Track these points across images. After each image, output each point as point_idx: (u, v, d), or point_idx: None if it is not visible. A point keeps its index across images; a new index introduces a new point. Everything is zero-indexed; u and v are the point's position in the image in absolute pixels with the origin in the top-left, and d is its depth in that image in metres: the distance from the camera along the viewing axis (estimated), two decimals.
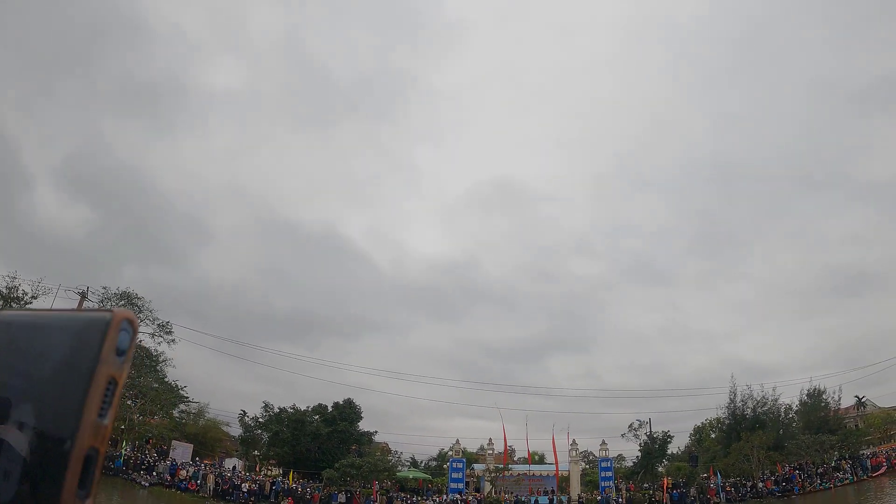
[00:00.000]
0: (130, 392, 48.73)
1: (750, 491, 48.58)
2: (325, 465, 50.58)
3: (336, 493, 45.53)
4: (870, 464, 50.14)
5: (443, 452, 69.47)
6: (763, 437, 51.10)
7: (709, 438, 66.93)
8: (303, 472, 51.71)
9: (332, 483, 47.00)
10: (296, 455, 54.55)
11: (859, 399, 66.90)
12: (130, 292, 52.80)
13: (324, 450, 55.07)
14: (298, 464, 52.98)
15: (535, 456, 64.55)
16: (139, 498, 37.59)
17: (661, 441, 58.44)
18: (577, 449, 57.08)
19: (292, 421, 56.31)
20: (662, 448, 59.06)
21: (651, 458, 57.30)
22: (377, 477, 49.18)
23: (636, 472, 58.57)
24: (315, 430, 55.86)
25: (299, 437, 55.11)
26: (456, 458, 55.69)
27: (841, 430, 56.71)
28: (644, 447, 58.47)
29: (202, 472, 44.72)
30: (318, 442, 55.61)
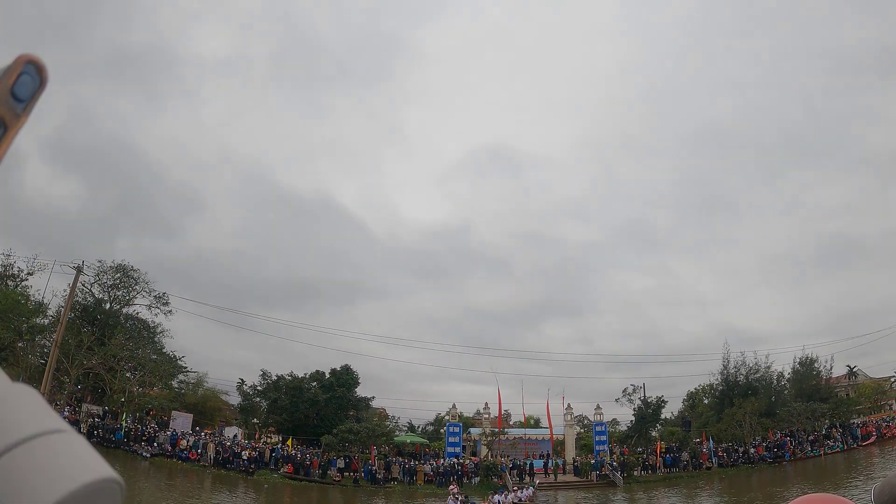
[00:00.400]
0: (129, 364, 49.13)
1: (742, 456, 49.59)
2: (323, 431, 51.10)
3: (335, 458, 46.06)
4: (860, 433, 51.19)
5: (439, 417, 70.34)
6: (755, 404, 52.00)
7: (702, 404, 67.90)
8: (302, 438, 52.23)
9: (331, 449, 47.53)
10: (294, 422, 55.14)
11: (851, 369, 67.91)
12: (126, 265, 52.80)
13: (322, 416, 55.66)
14: (297, 430, 53.56)
15: (530, 420, 65.44)
16: (141, 469, 38.09)
17: (654, 406, 59.45)
18: (572, 413, 57.96)
19: (290, 388, 56.83)
20: (656, 413, 60.08)
21: (645, 423, 58.39)
22: (375, 442, 49.71)
23: (630, 436, 59.69)
24: (313, 397, 56.40)
25: (297, 404, 55.66)
26: (452, 422, 56.34)
27: (832, 398, 57.74)
28: (638, 412, 59.54)
29: (202, 441, 45.29)
30: (317, 408, 56.19)
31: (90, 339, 47.39)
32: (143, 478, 35.41)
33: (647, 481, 46.37)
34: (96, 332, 48.99)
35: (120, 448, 41.55)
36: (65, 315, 45.36)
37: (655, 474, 48.25)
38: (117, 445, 41.68)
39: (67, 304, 46.56)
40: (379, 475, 45.00)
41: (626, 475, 46.70)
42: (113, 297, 54.51)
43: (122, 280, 53.73)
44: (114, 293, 54.33)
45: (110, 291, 54.25)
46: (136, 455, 41.19)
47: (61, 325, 44.13)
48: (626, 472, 47.33)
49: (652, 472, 48.57)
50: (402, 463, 47.66)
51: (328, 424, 52.54)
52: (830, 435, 51.69)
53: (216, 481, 38.66)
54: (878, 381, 66.85)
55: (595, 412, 57.64)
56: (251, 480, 40.89)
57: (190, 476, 39.22)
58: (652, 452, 51.54)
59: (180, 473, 39.43)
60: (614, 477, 46.28)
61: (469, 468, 47.66)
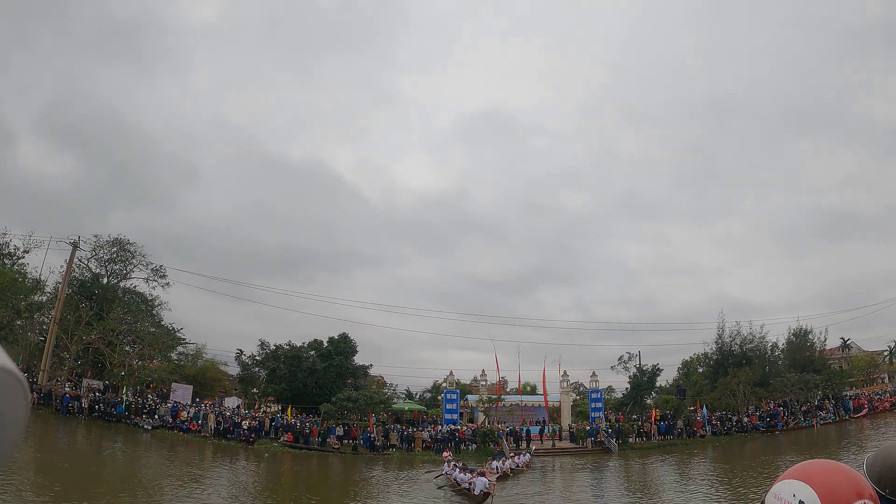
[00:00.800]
0: (128, 338, 49.22)
1: (735, 425, 50.23)
2: (322, 399, 51.44)
3: (334, 426, 46.40)
4: (852, 405, 51.83)
5: (437, 384, 71.12)
6: (749, 374, 52.48)
7: (696, 373, 68.51)
8: (301, 407, 52.65)
9: (330, 417, 47.84)
10: (293, 391, 55.47)
11: (845, 341, 68.52)
12: (122, 238, 52.55)
13: (320, 384, 56.00)
14: (296, 399, 53.94)
15: (526, 387, 65.98)
16: (142, 442, 38.42)
17: (649, 374, 59.90)
18: (568, 380, 58.45)
19: (289, 357, 57.07)
20: (651, 381, 60.56)
21: (640, 391, 58.90)
22: (373, 409, 50.23)
23: (625, 404, 60.28)
24: (311, 366, 56.65)
25: (296, 373, 55.93)
26: (450, 389, 56.79)
27: (825, 370, 58.37)
28: (633, 379, 59.97)
29: (203, 412, 45.59)
30: (315, 377, 56.48)
31: (88, 314, 47.37)
32: (144, 450, 35.74)
33: (642, 448, 46.80)
34: (94, 307, 48.98)
35: (121, 421, 41.79)
36: (62, 291, 45.33)
37: (650, 441, 48.81)
38: (119, 419, 41.93)
39: (64, 280, 46.49)
40: (377, 442, 45.42)
41: (620, 442, 47.20)
42: (110, 272, 54.35)
43: (118, 254, 53.53)
44: (111, 267, 54.16)
45: (107, 266, 54.07)
46: (138, 428, 41.47)
47: (59, 301, 44.16)
48: (621, 439, 47.84)
49: (646, 440, 49.15)
50: (401, 430, 48.09)
51: (327, 393, 52.87)
52: (823, 406, 52.38)
53: (217, 451, 39.07)
54: (872, 355, 67.61)
55: (591, 379, 58.22)
56: (252, 450, 41.28)
57: (191, 447, 39.58)
58: (647, 420, 52.14)
59: (181, 444, 39.75)
60: (609, 444, 46.79)
61: (466, 435, 48.05)
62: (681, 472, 35.10)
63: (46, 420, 38.95)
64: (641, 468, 37.83)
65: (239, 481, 28.60)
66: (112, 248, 52.53)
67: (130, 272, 55.01)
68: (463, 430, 49.25)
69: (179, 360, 58.12)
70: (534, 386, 64.40)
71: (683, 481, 31.41)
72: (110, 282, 54.32)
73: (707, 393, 56.72)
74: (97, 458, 31.15)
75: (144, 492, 21.91)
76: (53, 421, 39.20)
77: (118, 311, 48.48)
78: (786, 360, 59.86)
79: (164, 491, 22.77)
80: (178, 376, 52.39)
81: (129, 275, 55.19)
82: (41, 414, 40.10)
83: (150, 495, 21.50)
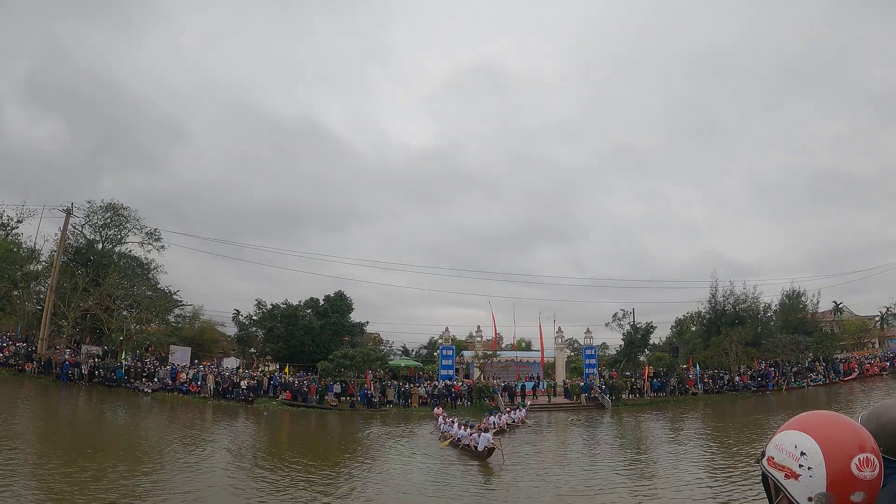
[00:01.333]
0: (125, 303, 49.21)
1: (727, 384, 51.00)
2: (319, 357, 52.05)
3: (332, 383, 46.85)
4: (842, 368, 52.51)
5: (433, 340, 71.71)
6: (742, 333, 53.01)
7: (689, 331, 69.22)
8: (298, 365, 53.28)
9: (327, 374, 48.34)
10: (291, 349, 56.07)
11: (837, 305, 69.01)
12: (116, 203, 52.02)
13: (317, 342, 56.57)
14: (294, 358, 54.55)
15: (521, 343, 66.53)
16: (143, 405, 38.75)
17: (643, 331, 60.54)
18: (563, 336, 58.98)
19: (285, 316, 57.48)
20: (645, 338, 61.25)
21: (633, 348, 59.63)
22: (370, 366, 50.70)
23: (619, 361, 61.10)
24: (308, 324, 57.12)
25: (293, 332, 56.44)
26: (445, 345, 57.17)
27: (817, 332, 58.93)
28: (627, 336, 60.66)
29: (202, 373, 46.00)
30: (312, 335, 57.02)
31: (85, 280, 47.28)
32: (146, 413, 36.10)
33: (635, 405, 47.47)
34: (90, 273, 48.80)
35: (122, 386, 42.14)
36: (57, 259, 45.12)
37: (643, 398, 49.47)
38: (119, 384, 42.25)
39: (59, 247, 46.22)
40: (375, 399, 45.89)
41: (614, 398, 47.82)
42: (105, 237, 54.02)
43: (112, 219, 53.08)
44: (105, 233, 53.79)
45: (102, 231, 53.70)
46: (138, 392, 41.85)
47: (55, 269, 43.99)
48: (615, 395, 48.47)
49: (639, 396, 49.82)
50: (397, 386, 48.58)
51: (324, 351, 53.44)
52: (814, 368, 53.15)
53: (217, 411, 39.47)
54: (863, 320, 68.27)
55: (585, 336, 58.74)
56: (251, 409, 41.72)
57: (191, 408, 39.98)
58: (640, 377, 52.81)
59: (182, 406, 40.16)
60: (603, 400, 47.45)
61: (462, 390, 48.64)
62: (674, 428, 35.70)
63: (47, 388, 39.25)
64: (635, 424, 38.43)
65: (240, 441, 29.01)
66: (106, 213, 52.07)
67: (125, 237, 54.83)
68: (459, 386, 49.75)
69: (177, 322, 58.39)
70: (529, 342, 64.96)
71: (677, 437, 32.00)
72: (105, 247, 54.10)
73: (700, 351, 57.44)
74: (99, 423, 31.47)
75: (147, 456, 22.24)
76: (54, 388, 39.49)
77: (114, 276, 48.25)
78: (778, 321, 60.51)
79: (167, 454, 23.12)
80: (176, 339, 52.66)
81: (123, 239, 55.02)
82: (41, 382, 40.42)
83: (155, 459, 21.84)
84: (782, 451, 1.78)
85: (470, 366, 57.61)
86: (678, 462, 23.80)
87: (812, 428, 1.75)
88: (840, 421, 1.77)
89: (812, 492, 1.68)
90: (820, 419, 1.79)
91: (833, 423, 1.76)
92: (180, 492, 17.11)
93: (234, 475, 20.00)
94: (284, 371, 50.67)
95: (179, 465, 21.27)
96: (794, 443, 1.75)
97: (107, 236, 54.03)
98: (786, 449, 1.77)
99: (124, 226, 53.47)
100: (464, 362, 59.30)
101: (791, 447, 1.75)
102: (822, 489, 1.67)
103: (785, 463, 1.76)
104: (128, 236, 54.68)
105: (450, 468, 23.26)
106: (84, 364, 42.88)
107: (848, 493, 1.66)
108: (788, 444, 1.77)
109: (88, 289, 47.43)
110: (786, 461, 1.76)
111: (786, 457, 1.76)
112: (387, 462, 24.70)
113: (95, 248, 53.74)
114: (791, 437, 1.77)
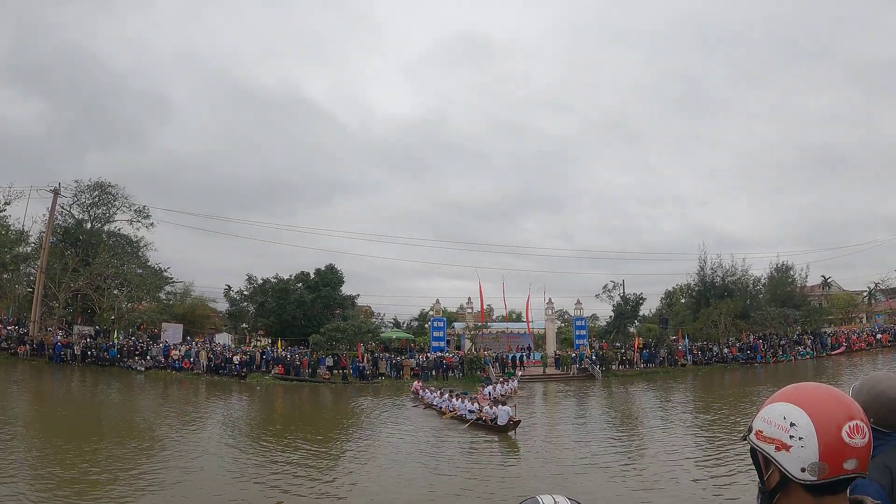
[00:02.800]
0: (116, 281, 48.92)
1: (715, 356, 51.66)
2: (311, 330, 52.11)
3: (324, 357, 47.05)
4: (830, 342, 53.20)
5: (424, 313, 72.13)
6: (730, 306, 53.49)
7: (679, 303, 69.72)
8: (290, 339, 53.33)
9: (319, 348, 48.41)
10: (282, 324, 56.10)
11: (825, 279, 69.65)
12: (103, 181, 51.42)
13: (309, 316, 56.60)
14: (285, 332, 54.60)
15: (512, 315, 66.84)
16: (137, 383, 38.80)
17: (633, 303, 61.04)
18: (553, 308, 59.19)
19: (276, 291, 57.42)
20: (635, 310, 61.82)
21: (623, 319, 60.00)
22: (362, 339, 50.79)
23: (609, 332, 61.62)
24: (299, 298, 57.09)
25: (284, 306, 56.43)
26: (436, 317, 57.45)
27: (805, 306, 59.47)
28: (617, 308, 61.09)
29: (194, 350, 46.06)
30: (303, 309, 57.03)
31: (74, 260, 47.00)
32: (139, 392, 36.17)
33: (625, 375, 48.14)
34: (80, 253, 48.53)
35: (115, 365, 42.21)
36: (46, 240, 44.75)
37: (633, 369, 50.22)
38: (112, 363, 42.33)
39: (48, 228, 45.79)
40: (367, 371, 46.25)
41: (604, 369, 48.41)
42: (93, 216, 53.57)
43: (100, 197, 52.61)
44: (94, 212, 53.33)
45: (90, 210, 53.24)
46: (131, 370, 41.93)
47: (44, 250, 43.65)
48: (605, 366, 49.11)
49: (629, 367, 50.54)
50: (389, 358, 48.94)
51: (315, 324, 53.53)
52: (802, 341, 53.88)
53: (210, 387, 39.56)
54: (851, 294, 69.01)
55: (575, 307, 59.24)
56: (244, 384, 41.90)
57: (184, 385, 40.09)
58: (630, 348, 53.51)
59: (175, 383, 40.27)
60: (593, 371, 47.99)
61: (454, 362, 48.99)
62: (663, 398, 36.16)
63: (40, 370, 39.25)
64: (625, 395, 38.90)
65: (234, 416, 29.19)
66: (94, 191, 51.59)
67: (114, 215, 54.35)
68: (450, 357, 50.11)
69: (168, 299, 58.19)
70: (519, 313, 65.28)
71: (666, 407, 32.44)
72: (94, 226, 53.61)
73: (689, 323, 57.91)
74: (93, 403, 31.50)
75: (142, 434, 22.29)
76: (47, 370, 39.49)
77: (104, 255, 47.95)
78: (766, 294, 61.00)
79: (163, 432, 23.17)
80: (168, 316, 52.79)
81: (112, 218, 54.52)
82: (35, 364, 40.39)
83: (152, 438, 21.91)
84: (771, 423, 1.78)
85: (461, 337, 57.90)
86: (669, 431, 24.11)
87: (800, 399, 1.76)
88: (827, 391, 1.78)
89: (805, 462, 1.69)
90: (807, 390, 1.80)
91: (820, 393, 1.77)
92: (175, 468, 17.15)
93: (224, 451, 20.02)
94: (276, 345, 50.83)
95: (172, 442, 21.37)
96: (783, 414, 1.75)
97: (95, 215, 53.60)
98: (774, 421, 1.77)
99: (112, 204, 53.17)
100: (455, 334, 59.62)
101: (780, 419, 1.75)
102: (815, 459, 1.67)
103: (774, 435, 1.76)
104: (116, 214, 54.36)
105: (464, 444, 23.01)
106: (76, 345, 42.86)
107: (841, 461, 1.67)
108: (777, 417, 1.77)
109: (78, 269, 47.16)
110: (775, 433, 1.76)
111: (775, 429, 1.76)
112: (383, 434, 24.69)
113: (84, 227, 53.27)
114: (779, 409, 1.77)
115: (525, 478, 17.10)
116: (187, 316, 55.86)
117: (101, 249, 48.36)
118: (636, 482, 16.14)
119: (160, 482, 15.62)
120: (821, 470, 1.67)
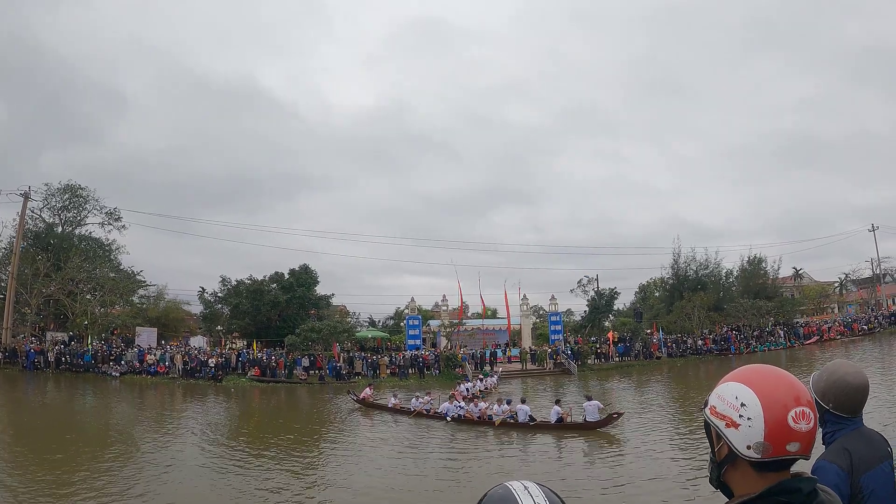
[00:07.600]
0: (88, 286, 48.22)
1: (690, 348, 52.26)
2: (286, 331, 51.62)
3: (300, 357, 46.80)
4: (802, 332, 54.13)
5: (399, 311, 71.93)
6: (704, 298, 54.29)
7: (653, 297, 70.49)
8: (266, 340, 52.93)
9: (295, 348, 48.08)
10: (257, 325, 55.71)
11: (797, 270, 70.81)
12: (73, 184, 50.65)
13: (284, 317, 56.25)
14: (261, 333, 54.22)
15: (488, 312, 66.95)
16: (112, 389, 38.27)
17: (607, 297, 61.42)
18: (528, 304, 59.61)
19: (251, 292, 56.86)
20: (609, 304, 62.18)
21: (598, 313, 60.48)
22: (337, 339, 50.49)
23: (584, 326, 61.91)
24: (274, 299, 56.67)
25: (259, 308, 55.97)
26: (412, 315, 57.28)
27: (777, 297, 60.31)
28: (591, 302, 61.46)
29: (169, 353, 45.55)
30: (278, 310, 56.64)
31: (46, 265, 46.30)
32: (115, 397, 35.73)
33: (601, 369, 48.37)
34: (51, 257, 47.73)
35: (89, 371, 41.63)
36: (17, 245, 44.06)
37: (608, 363, 50.52)
38: (86, 369, 41.74)
39: (18, 233, 45.07)
40: (343, 371, 45.99)
41: (580, 363, 48.55)
42: (64, 220, 52.82)
43: (71, 200, 51.88)
44: (64, 215, 52.61)
45: (61, 214, 52.51)
46: (106, 376, 41.35)
47: (15, 255, 42.98)
48: (581, 360, 49.29)
49: (605, 361, 50.84)
50: (365, 358, 48.79)
51: (291, 325, 53.13)
52: (774, 332, 54.73)
53: (186, 391, 39.19)
54: (823, 285, 70.25)
55: (550, 303, 59.46)
56: (220, 387, 41.49)
57: (160, 389, 39.58)
58: (605, 342, 53.79)
59: (151, 388, 39.78)
60: (569, 365, 48.10)
61: (430, 359, 48.96)
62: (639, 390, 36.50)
63: (13, 378, 38.57)
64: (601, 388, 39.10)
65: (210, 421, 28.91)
66: (64, 194, 50.84)
67: (85, 218, 53.58)
68: (427, 355, 50.13)
69: (141, 303, 57.32)
70: (495, 310, 65.36)
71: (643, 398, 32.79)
72: (65, 230, 52.84)
73: (663, 316, 58.69)
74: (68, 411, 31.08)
75: (119, 441, 22.08)
76: (21, 378, 38.82)
77: (76, 259, 47.13)
78: (739, 286, 61.95)
79: (139, 438, 22.93)
80: (142, 320, 51.87)
81: (83, 221, 53.74)
82: (7, 373, 39.70)
83: (128, 444, 21.71)
84: (724, 401, 1.86)
85: (437, 335, 57.93)
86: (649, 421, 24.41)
87: (752, 380, 1.83)
88: (779, 375, 1.85)
89: (750, 441, 1.77)
90: (760, 373, 1.87)
91: (772, 377, 1.84)
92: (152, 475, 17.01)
93: (199, 457, 19.87)
94: (252, 347, 50.46)
95: (148, 447, 21.17)
96: (735, 394, 1.82)
97: (66, 219, 52.86)
98: (727, 399, 1.84)
99: (83, 207, 52.47)
100: (430, 332, 59.65)
101: (732, 398, 1.82)
102: (760, 439, 1.76)
103: (726, 412, 1.84)
104: (87, 217, 53.60)
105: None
106: (50, 351, 42.20)
107: (784, 443, 1.75)
108: (730, 395, 1.84)
109: (50, 274, 46.43)
110: (727, 411, 1.84)
111: (727, 407, 1.84)
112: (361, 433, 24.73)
113: (55, 231, 52.44)
114: (732, 388, 1.84)
115: (507, 473, 17.23)
116: (161, 319, 54.95)
117: (73, 253, 47.59)
118: (612, 473, 16.39)
119: (133, 492, 15.45)
120: (765, 449, 1.76)
